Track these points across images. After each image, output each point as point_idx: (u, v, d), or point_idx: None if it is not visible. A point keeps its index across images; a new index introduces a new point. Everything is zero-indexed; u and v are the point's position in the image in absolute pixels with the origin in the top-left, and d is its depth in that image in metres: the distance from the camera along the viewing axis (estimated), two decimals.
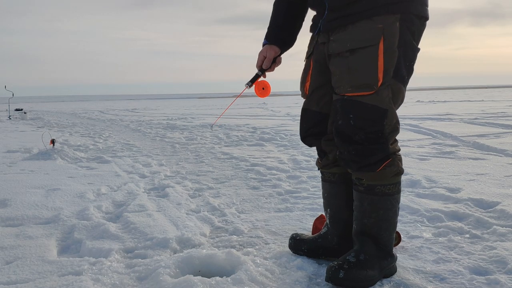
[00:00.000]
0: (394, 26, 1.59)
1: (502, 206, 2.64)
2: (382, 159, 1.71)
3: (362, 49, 1.61)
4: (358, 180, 1.78)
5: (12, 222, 2.61)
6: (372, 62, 1.61)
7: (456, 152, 4.98)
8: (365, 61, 1.62)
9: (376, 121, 1.67)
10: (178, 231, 2.39)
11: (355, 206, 1.82)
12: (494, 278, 1.72)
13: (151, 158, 5.36)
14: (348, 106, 1.69)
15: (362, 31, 1.61)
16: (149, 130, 9.79)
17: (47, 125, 12.42)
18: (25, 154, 5.65)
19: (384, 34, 1.59)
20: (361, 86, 1.65)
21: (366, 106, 1.66)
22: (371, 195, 1.75)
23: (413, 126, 8.33)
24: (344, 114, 1.70)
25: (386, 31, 1.59)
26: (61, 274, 1.86)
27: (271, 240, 2.28)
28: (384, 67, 1.61)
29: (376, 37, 1.59)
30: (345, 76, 1.68)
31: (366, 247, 1.77)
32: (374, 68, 1.61)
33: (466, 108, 14.57)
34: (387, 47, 1.59)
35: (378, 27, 1.58)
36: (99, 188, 3.49)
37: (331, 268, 1.71)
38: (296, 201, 3.05)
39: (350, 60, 1.64)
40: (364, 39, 1.61)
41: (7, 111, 18.57)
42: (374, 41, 1.59)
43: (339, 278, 1.68)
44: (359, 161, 1.72)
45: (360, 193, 1.79)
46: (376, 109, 1.65)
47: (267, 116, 13.61)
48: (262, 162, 4.67)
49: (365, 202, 1.77)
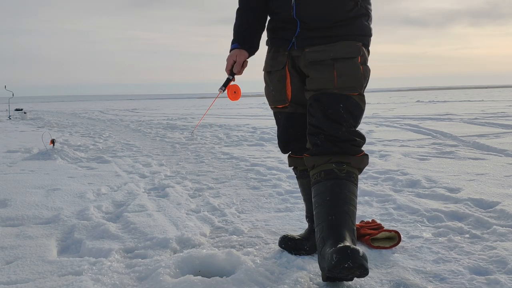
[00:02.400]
0: (363, 48, 1.93)
1: (502, 206, 2.64)
2: (361, 148, 1.90)
3: (345, 59, 1.86)
4: (339, 166, 1.82)
5: (12, 222, 2.61)
6: (356, 70, 1.87)
7: (456, 152, 4.98)
8: (350, 68, 1.86)
9: (357, 118, 1.90)
10: (178, 231, 2.39)
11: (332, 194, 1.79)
12: (494, 278, 1.72)
13: (151, 158, 5.36)
14: (338, 99, 1.86)
15: (344, 46, 1.88)
16: (149, 130, 9.79)
17: (47, 125, 12.42)
18: (25, 154, 5.66)
19: (360, 51, 1.90)
20: (348, 88, 1.86)
21: (353, 102, 1.87)
22: (350, 181, 1.82)
23: (413, 126, 8.32)
24: (334, 104, 1.85)
25: (361, 49, 1.91)
26: (61, 274, 1.86)
27: (271, 240, 2.28)
28: (363, 75, 1.90)
29: (356, 52, 1.89)
30: (332, 79, 1.86)
31: (345, 236, 1.69)
32: (358, 75, 1.87)
33: (466, 108, 14.57)
34: (362, 62, 1.90)
35: (357, 44, 1.90)
36: (99, 188, 3.49)
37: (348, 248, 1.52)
38: (296, 201, 3.05)
39: (337, 67, 1.86)
40: (346, 52, 1.87)
41: (7, 111, 18.57)
42: (355, 54, 1.88)
43: (360, 256, 1.51)
44: (350, 141, 1.85)
45: (339, 180, 1.81)
46: (359, 107, 1.90)
47: (267, 116, 13.60)
48: (262, 162, 4.68)
49: (346, 188, 1.81)
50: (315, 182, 1.86)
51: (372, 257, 2.01)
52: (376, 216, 2.64)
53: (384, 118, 10.98)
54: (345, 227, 1.72)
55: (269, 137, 7.23)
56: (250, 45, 2.03)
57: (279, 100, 2.06)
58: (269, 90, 2.09)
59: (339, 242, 1.61)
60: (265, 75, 2.11)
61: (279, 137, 2.14)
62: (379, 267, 1.91)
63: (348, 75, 1.85)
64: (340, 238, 1.66)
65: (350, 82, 1.86)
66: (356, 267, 1.51)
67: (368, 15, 1.95)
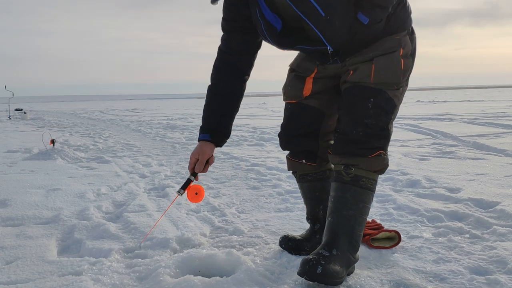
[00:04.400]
0: (405, 38, 1.84)
1: (502, 206, 2.64)
2: (378, 147, 1.81)
3: (385, 54, 1.79)
4: (346, 169, 1.81)
5: (12, 222, 2.61)
6: (396, 65, 1.80)
7: (456, 152, 4.98)
8: (390, 63, 1.79)
9: (388, 113, 1.81)
10: (178, 231, 2.39)
11: (334, 198, 1.82)
12: (494, 278, 1.72)
13: (151, 158, 5.36)
14: (370, 92, 1.79)
15: (383, 42, 1.80)
16: (149, 130, 9.79)
17: (47, 125, 12.42)
18: (25, 154, 5.66)
19: (401, 43, 1.81)
20: (384, 84, 1.79)
21: (386, 97, 1.80)
22: (356, 186, 1.80)
23: (413, 126, 8.32)
24: (364, 97, 1.79)
25: (402, 41, 1.82)
26: (61, 274, 1.86)
27: (271, 240, 2.28)
28: (404, 69, 1.81)
29: (396, 45, 1.80)
30: (369, 73, 1.79)
31: (340, 241, 1.75)
32: (398, 70, 1.80)
33: (466, 108, 14.57)
34: (404, 54, 1.81)
35: (396, 38, 1.81)
36: (99, 188, 3.49)
37: (308, 263, 1.66)
38: (296, 201, 3.05)
39: (376, 61, 1.79)
40: (386, 48, 1.79)
41: (7, 111, 18.57)
42: (395, 48, 1.80)
43: (316, 273, 1.64)
44: (362, 142, 1.78)
45: (343, 184, 1.81)
46: (392, 102, 1.81)
47: (267, 116, 13.61)
48: (262, 162, 4.68)
49: (348, 193, 1.79)
50: (332, 178, 1.88)
51: (372, 257, 2.01)
52: (376, 216, 2.64)
53: None
54: (341, 231, 1.76)
55: (269, 137, 7.23)
56: (221, 136, 1.93)
57: (294, 96, 2.01)
58: (286, 85, 2.05)
59: (324, 248, 1.72)
60: (289, 70, 2.05)
61: (283, 129, 2.07)
62: (379, 267, 1.91)
63: (387, 70, 1.79)
64: (330, 243, 1.74)
65: (387, 78, 1.79)
66: (313, 280, 1.65)
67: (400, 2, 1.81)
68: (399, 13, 1.81)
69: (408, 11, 1.84)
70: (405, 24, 1.83)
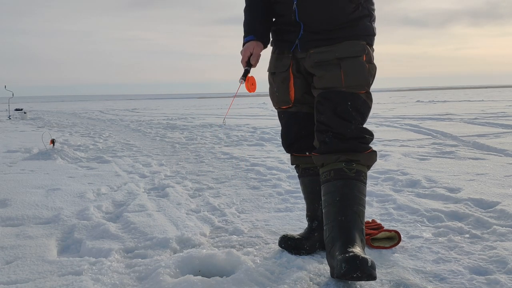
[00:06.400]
0: (368, 48, 1.95)
1: (502, 206, 2.64)
2: (368, 145, 1.91)
3: (350, 58, 1.88)
4: (348, 165, 1.83)
5: (12, 222, 2.61)
6: (362, 68, 1.89)
7: (456, 152, 4.98)
8: (356, 67, 1.88)
9: (364, 115, 1.92)
10: (178, 231, 2.39)
11: (342, 195, 1.80)
12: (494, 278, 1.72)
13: (151, 158, 5.36)
14: (346, 97, 1.87)
15: (349, 46, 1.89)
16: (149, 130, 9.79)
17: (47, 125, 12.42)
18: (25, 154, 5.66)
19: (365, 50, 1.92)
20: (355, 86, 1.88)
21: (361, 99, 1.89)
22: (359, 181, 1.84)
23: (413, 126, 8.32)
24: (342, 102, 1.87)
25: (366, 48, 1.92)
26: (61, 274, 1.86)
27: (271, 240, 2.28)
28: (370, 73, 1.92)
29: (361, 50, 1.90)
30: (339, 77, 1.87)
31: (356, 237, 1.73)
32: (365, 73, 1.89)
33: (466, 108, 14.57)
34: (367, 60, 1.92)
35: (362, 43, 1.91)
36: (99, 188, 3.49)
37: (355, 258, 1.57)
38: (296, 201, 3.05)
39: (343, 65, 1.87)
40: (351, 51, 1.89)
41: (7, 111, 18.56)
42: (360, 53, 1.90)
43: (368, 267, 1.58)
44: (360, 138, 1.86)
45: (349, 180, 1.83)
46: (367, 105, 1.92)
47: (267, 116, 13.60)
48: (262, 162, 4.68)
49: (355, 188, 1.82)
50: (325, 181, 1.87)
51: (372, 257, 2.00)
52: (376, 216, 2.64)
53: (384, 118, 10.98)
54: (354, 228, 1.77)
55: (269, 137, 7.23)
56: (264, 38, 2.04)
57: (283, 101, 2.08)
58: (273, 91, 2.11)
59: (349, 246, 1.68)
60: (269, 76, 2.12)
61: (283, 137, 2.15)
62: (379, 267, 1.91)
63: (355, 73, 1.87)
64: (350, 240, 1.72)
65: (357, 81, 1.88)
66: (365, 277, 1.60)
67: (370, 15, 1.96)
68: (366, 25, 1.94)
69: (373, 29, 1.97)
70: (370, 36, 1.96)
